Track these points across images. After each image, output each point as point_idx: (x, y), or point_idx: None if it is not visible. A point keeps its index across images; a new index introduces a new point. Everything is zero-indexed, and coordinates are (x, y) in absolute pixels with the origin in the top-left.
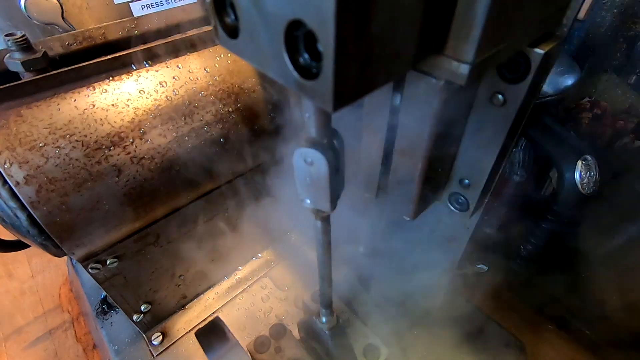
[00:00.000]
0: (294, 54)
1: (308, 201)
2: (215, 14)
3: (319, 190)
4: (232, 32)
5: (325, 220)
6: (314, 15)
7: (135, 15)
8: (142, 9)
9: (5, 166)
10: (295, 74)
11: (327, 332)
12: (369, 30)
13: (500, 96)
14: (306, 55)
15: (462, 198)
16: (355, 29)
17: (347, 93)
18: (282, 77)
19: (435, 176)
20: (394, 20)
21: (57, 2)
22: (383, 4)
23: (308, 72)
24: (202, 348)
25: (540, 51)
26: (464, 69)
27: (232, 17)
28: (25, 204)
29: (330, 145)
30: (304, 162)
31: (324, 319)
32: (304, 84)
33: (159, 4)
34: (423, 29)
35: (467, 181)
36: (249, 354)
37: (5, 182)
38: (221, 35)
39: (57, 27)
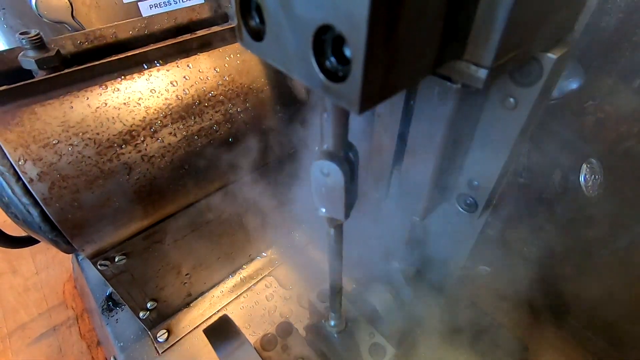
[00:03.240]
0: (320, 58)
1: (323, 210)
2: (240, 17)
3: (334, 200)
4: (257, 34)
5: (339, 228)
6: (345, 21)
7: (143, 15)
8: (150, 8)
9: (20, 163)
10: (321, 76)
11: (335, 335)
12: (397, 36)
13: (512, 100)
14: (333, 59)
15: (471, 199)
16: (384, 35)
17: (373, 96)
18: (308, 79)
19: (445, 177)
20: (419, 26)
21: (67, 1)
22: (411, 12)
23: (334, 76)
24: (211, 345)
25: (552, 56)
26: (482, 73)
27: (257, 20)
28: (39, 200)
29: (347, 157)
30: (320, 173)
31: (332, 323)
32: (330, 86)
33: (167, 3)
34: (445, 35)
35: (476, 182)
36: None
37: (19, 178)
38: (245, 37)
39: (66, 25)
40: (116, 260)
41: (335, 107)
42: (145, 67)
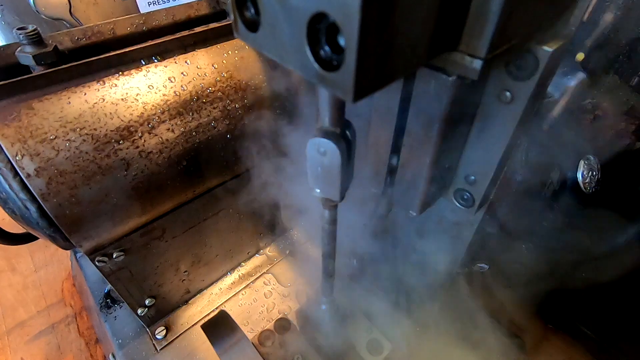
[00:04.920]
0: (315, 47)
1: (318, 190)
2: (235, 9)
3: (329, 180)
4: (252, 26)
5: (333, 209)
6: (339, 8)
7: (141, 12)
8: (149, 5)
9: (17, 158)
10: (316, 66)
11: (327, 318)
12: (391, 24)
13: (508, 93)
14: (327, 48)
15: (468, 194)
16: (377, 24)
17: (366, 85)
18: (303, 69)
19: (442, 172)
20: (413, 15)
21: None
22: (404, 0)
23: (329, 65)
24: (209, 340)
25: (548, 49)
26: (477, 64)
27: (252, 11)
28: (36, 195)
29: (344, 135)
30: (317, 152)
31: (323, 307)
32: (325, 75)
33: (165, 0)
34: (439, 25)
35: (472, 177)
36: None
37: (16, 173)
38: (241, 29)
39: (64, 22)
40: (114, 256)
41: None
42: (143, 63)
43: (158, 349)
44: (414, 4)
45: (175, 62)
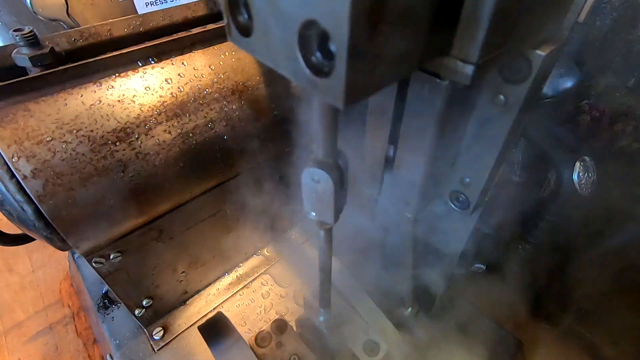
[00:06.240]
0: (306, 53)
1: (313, 214)
2: (228, 13)
3: (324, 205)
4: (245, 30)
5: (328, 231)
6: (328, 16)
7: (139, 13)
8: (146, 6)
9: (13, 160)
10: (307, 72)
11: (325, 330)
12: (380, 31)
13: (502, 97)
14: (318, 54)
15: (463, 196)
16: (367, 30)
17: (357, 91)
18: (294, 74)
19: (437, 174)
20: (404, 22)
21: None
22: (394, 7)
23: (320, 71)
24: (206, 342)
25: (541, 53)
26: (469, 69)
27: (245, 16)
28: (32, 197)
29: (336, 165)
30: (311, 180)
31: (322, 318)
32: (316, 81)
33: (162, 1)
34: (430, 31)
35: (467, 179)
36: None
37: (12, 175)
38: (234, 33)
39: (62, 23)
40: (111, 257)
41: (324, 116)
42: (140, 64)
43: (155, 350)
44: (404, 11)
45: (172, 64)
